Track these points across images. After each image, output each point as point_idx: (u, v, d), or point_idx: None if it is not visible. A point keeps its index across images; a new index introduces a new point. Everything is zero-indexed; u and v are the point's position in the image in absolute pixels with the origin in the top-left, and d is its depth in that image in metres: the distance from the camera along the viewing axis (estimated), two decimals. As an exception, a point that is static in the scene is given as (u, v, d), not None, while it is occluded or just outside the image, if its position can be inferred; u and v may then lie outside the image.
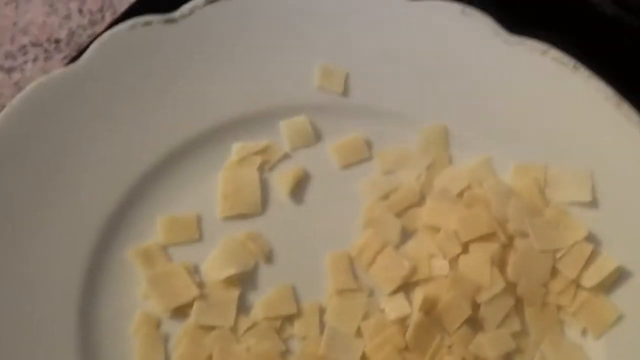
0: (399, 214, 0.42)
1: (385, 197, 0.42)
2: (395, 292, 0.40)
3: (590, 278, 0.40)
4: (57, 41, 0.47)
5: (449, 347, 0.39)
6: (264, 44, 0.42)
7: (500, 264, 0.40)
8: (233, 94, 0.42)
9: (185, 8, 0.42)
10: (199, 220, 0.41)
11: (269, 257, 0.40)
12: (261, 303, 0.40)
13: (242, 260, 0.40)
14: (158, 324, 0.39)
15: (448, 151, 0.43)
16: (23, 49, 0.46)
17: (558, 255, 0.41)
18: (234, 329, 0.39)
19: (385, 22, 0.44)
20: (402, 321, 0.40)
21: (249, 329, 0.39)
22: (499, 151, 0.43)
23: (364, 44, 0.44)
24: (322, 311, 0.40)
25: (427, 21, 0.44)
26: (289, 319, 0.40)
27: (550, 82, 0.43)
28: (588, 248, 0.41)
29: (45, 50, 0.46)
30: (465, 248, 0.40)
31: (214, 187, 0.41)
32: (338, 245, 0.41)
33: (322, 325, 0.40)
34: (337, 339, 0.39)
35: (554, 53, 0.44)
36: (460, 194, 0.42)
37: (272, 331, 0.39)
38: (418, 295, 0.40)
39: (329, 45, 0.44)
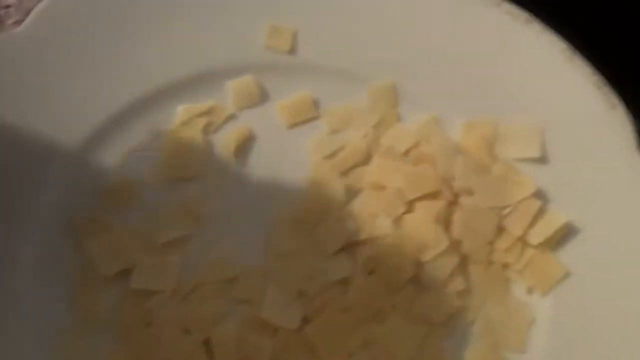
0: (345, 173, 0.41)
1: (332, 156, 0.42)
2: (339, 252, 0.40)
3: (537, 235, 0.40)
4: (7, 6, 0.46)
5: (393, 307, 0.39)
6: (206, 2, 0.42)
7: (445, 222, 0.40)
8: (176, 55, 0.42)
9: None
10: (141, 184, 0.40)
11: (212, 220, 0.40)
12: (203, 266, 0.40)
13: (184, 223, 0.40)
14: (100, 289, 0.39)
15: (396, 109, 0.43)
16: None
17: (504, 212, 0.40)
18: (175, 292, 0.39)
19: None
20: (345, 282, 0.39)
21: (190, 292, 0.39)
22: (449, 108, 0.43)
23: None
24: (265, 273, 0.40)
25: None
26: (231, 281, 0.39)
27: (502, 35, 0.42)
28: (535, 204, 0.40)
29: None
30: (410, 207, 0.40)
31: (158, 150, 0.41)
32: (282, 206, 0.41)
33: (264, 288, 0.39)
34: (278, 301, 0.39)
35: (507, 6, 0.42)
36: (407, 152, 0.41)
37: (214, 294, 0.39)
38: (361, 255, 0.39)
39: (275, 1, 0.43)
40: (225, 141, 0.42)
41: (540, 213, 0.40)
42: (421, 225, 0.39)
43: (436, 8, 0.43)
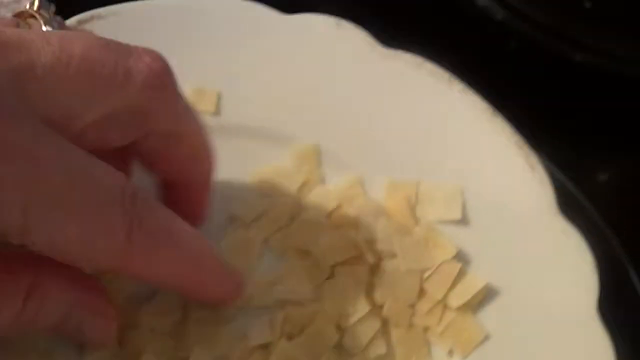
0: (268, 237, 0.41)
1: (257, 219, 0.42)
2: (261, 317, 0.40)
3: (457, 298, 0.40)
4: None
5: (314, 372, 0.39)
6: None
7: (367, 286, 0.40)
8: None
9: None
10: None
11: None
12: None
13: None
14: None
15: (320, 170, 0.43)
16: None
17: (426, 275, 0.40)
18: None
19: (257, 38, 0.44)
20: (266, 347, 0.39)
21: None
22: (373, 169, 0.43)
23: (236, 61, 0.43)
24: (188, 337, 0.40)
25: (301, 35, 0.43)
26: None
27: (425, 96, 0.43)
28: (456, 267, 0.40)
29: None
30: (331, 272, 0.40)
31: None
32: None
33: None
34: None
35: (429, 66, 0.43)
36: (330, 215, 0.42)
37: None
38: (283, 320, 0.39)
39: (200, 65, 0.43)
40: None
41: (460, 275, 0.40)
42: (343, 290, 0.39)
43: (361, 69, 0.43)
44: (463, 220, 0.41)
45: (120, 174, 0.29)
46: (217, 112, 0.43)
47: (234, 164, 0.42)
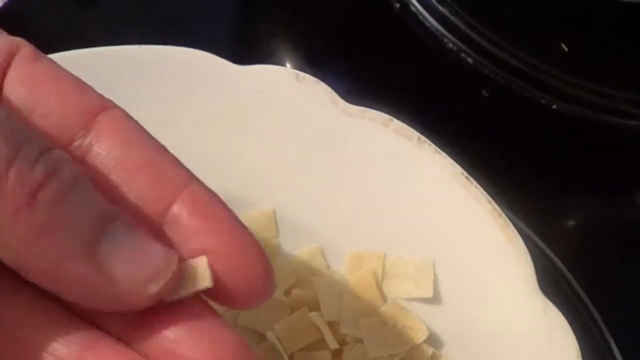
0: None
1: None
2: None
3: (429, 387, 0.36)
4: None
5: None
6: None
7: (329, 375, 0.36)
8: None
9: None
10: None
11: None
12: None
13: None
14: None
15: (277, 239, 0.38)
16: None
17: (395, 360, 0.36)
18: None
19: (207, 90, 0.39)
20: None
21: None
22: (334, 238, 0.38)
23: (183, 116, 0.39)
24: None
25: (256, 89, 0.39)
26: None
27: (392, 158, 0.38)
28: (427, 351, 0.36)
29: None
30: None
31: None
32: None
33: None
34: None
35: (397, 124, 0.38)
36: (288, 292, 0.37)
37: None
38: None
39: (145, 119, 0.38)
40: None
41: (433, 360, 0.36)
42: (302, 380, 0.35)
43: (322, 125, 0.39)
44: (434, 298, 0.37)
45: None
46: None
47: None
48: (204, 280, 0.23)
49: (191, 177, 0.24)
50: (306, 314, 0.36)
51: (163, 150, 0.25)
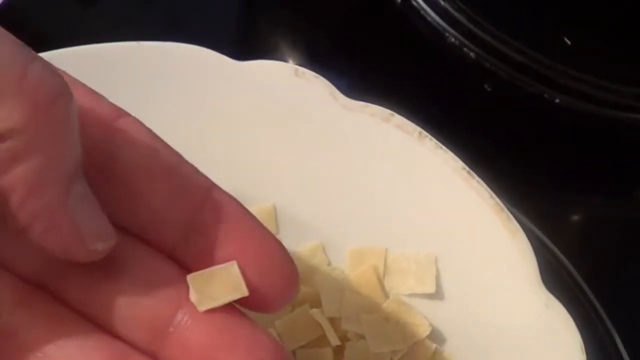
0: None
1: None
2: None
3: (431, 382, 0.35)
4: None
5: None
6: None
7: (331, 371, 0.35)
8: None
9: None
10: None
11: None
12: None
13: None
14: None
15: (278, 235, 0.38)
16: None
17: (397, 357, 0.36)
18: None
19: (205, 87, 0.39)
20: None
21: None
22: (335, 234, 0.38)
23: (183, 112, 0.39)
24: None
25: (255, 84, 0.39)
26: None
27: (393, 154, 0.38)
28: (430, 347, 0.36)
29: None
30: (292, 356, 0.35)
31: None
32: None
33: None
34: None
35: (398, 119, 0.38)
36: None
37: None
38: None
39: (144, 116, 0.38)
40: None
41: (435, 357, 0.36)
42: (304, 377, 0.35)
43: (322, 121, 0.39)
44: (437, 294, 0.37)
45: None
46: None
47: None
48: (239, 289, 0.23)
49: (212, 185, 0.24)
50: (307, 310, 0.36)
51: (180, 157, 0.25)
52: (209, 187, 0.24)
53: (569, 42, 0.46)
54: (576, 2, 0.47)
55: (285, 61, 0.40)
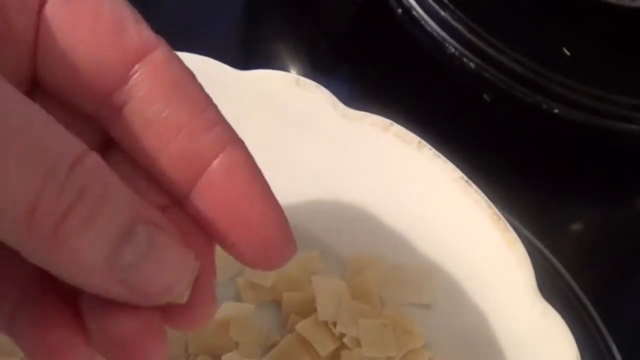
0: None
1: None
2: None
3: (426, 390, 0.36)
4: None
5: None
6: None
7: (327, 376, 0.36)
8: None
9: None
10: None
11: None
12: None
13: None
14: None
15: (277, 244, 0.38)
16: None
17: (391, 364, 0.36)
18: None
19: (213, 96, 0.39)
20: None
21: None
22: (334, 243, 0.38)
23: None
24: None
25: (256, 93, 0.39)
26: None
27: (392, 163, 0.38)
28: (424, 356, 0.36)
29: None
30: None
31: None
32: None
33: None
34: None
35: (397, 129, 0.39)
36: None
37: None
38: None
39: None
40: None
41: (429, 365, 0.36)
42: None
43: (323, 130, 0.39)
44: (433, 303, 0.37)
45: (73, 141, 0.21)
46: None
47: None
48: None
49: (226, 142, 0.24)
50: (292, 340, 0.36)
51: (202, 106, 0.24)
52: (222, 146, 0.24)
53: (568, 53, 0.47)
54: (575, 13, 0.47)
55: (287, 71, 0.40)
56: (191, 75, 0.23)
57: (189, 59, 0.38)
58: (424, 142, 0.38)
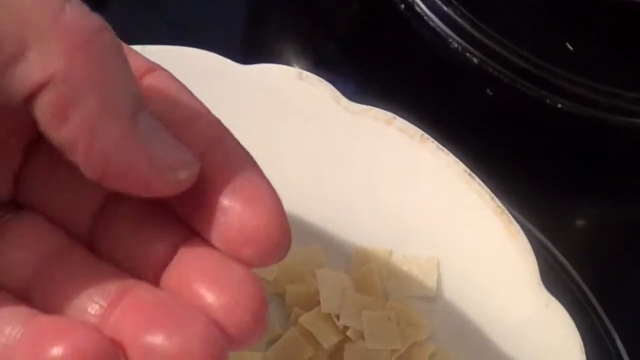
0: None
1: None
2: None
3: (430, 382, 0.36)
4: None
5: None
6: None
7: (332, 364, 0.36)
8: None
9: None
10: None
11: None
12: None
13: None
14: None
15: (280, 237, 0.38)
16: None
17: (395, 356, 0.36)
18: None
19: (210, 89, 0.39)
20: None
21: None
22: (338, 236, 0.38)
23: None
24: None
25: (259, 87, 0.39)
26: None
27: (395, 156, 0.38)
28: (429, 348, 0.36)
29: None
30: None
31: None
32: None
33: None
34: None
35: (400, 123, 0.39)
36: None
37: None
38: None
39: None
40: None
41: (434, 357, 0.36)
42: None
43: (325, 124, 0.39)
44: (437, 295, 0.37)
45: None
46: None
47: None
48: None
49: (223, 136, 0.24)
50: (295, 334, 0.36)
51: (204, 110, 0.25)
52: (221, 137, 0.24)
53: (571, 48, 0.47)
54: (578, 7, 0.47)
55: (291, 65, 0.40)
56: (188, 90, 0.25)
57: (194, 53, 0.38)
58: (426, 136, 0.38)
